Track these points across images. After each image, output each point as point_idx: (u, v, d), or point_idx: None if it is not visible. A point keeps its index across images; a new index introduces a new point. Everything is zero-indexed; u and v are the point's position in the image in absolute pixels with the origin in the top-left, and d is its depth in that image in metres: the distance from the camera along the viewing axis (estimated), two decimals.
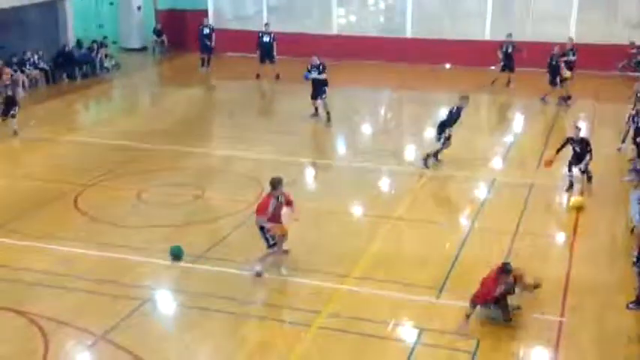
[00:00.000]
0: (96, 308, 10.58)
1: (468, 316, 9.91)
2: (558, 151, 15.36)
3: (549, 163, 15.33)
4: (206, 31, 27.84)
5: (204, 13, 30.25)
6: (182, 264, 11.90)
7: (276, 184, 11.38)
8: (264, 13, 30.22)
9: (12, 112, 19.17)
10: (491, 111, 23.29)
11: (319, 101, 20.68)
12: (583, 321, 10.36)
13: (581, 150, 15.07)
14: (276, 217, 11.43)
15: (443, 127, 16.64)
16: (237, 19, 31.24)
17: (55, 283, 11.28)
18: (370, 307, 10.65)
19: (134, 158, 17.60)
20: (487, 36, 27.79)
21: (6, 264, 11.91)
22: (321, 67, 20.50)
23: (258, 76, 26.51)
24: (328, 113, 20.47)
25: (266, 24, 26.90)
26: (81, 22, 29.97)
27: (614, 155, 17.22)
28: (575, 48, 23.02)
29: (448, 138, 16.57)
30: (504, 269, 9.99)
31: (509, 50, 24.01)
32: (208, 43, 27.71)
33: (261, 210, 11.36)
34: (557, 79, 21.76)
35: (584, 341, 9.91)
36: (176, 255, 12.01)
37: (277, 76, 26.26)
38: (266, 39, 26.19)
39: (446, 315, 10.44)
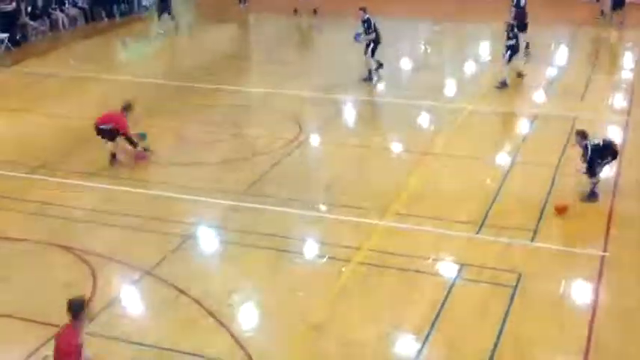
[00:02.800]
0: (141, 244, 10.81)
1: None
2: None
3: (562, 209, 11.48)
4: None
5: None
6: (223, 201, 12.03)
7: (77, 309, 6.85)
8: None
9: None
10: (533, 43, 22.73)
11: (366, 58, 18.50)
12: (626, 255, 10.26)
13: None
14: None
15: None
16: None
17: (100, 220, 11.52)
18: (410, 243, 10.68)
19: (173, 96, 17.68)
20: None
21: (52, 202, 12.17)
22: (366, 24, 18.13)
23: (295, 11, 26.14)
24: (369, 71, 18.40)
25: None
26: None
27: None
28: None
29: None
30: None
31: None
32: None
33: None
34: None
35: (627, 275, 9.83)
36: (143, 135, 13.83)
37: (315, 11, 25.88)
38: None
39: (486, 250, 10.44)
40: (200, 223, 11.47)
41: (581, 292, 9.63)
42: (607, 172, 12.72)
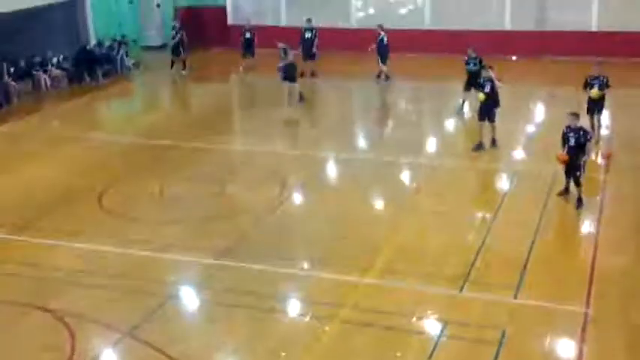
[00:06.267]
0: (122, 305, 10.68)
1: None
2: (564, 144, 13.59)
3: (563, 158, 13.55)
4: (247, 35, 26.46)
5: (223, 10, 30.42)
6: (205, 260, 11.95)
7: None
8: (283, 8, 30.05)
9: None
10: (512, 101, 23.12)
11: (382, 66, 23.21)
12: (609, 312, 10.26)
13: (577, 142, 13.28)
14: None
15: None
16: (257, 15, 30.95)
17: (80, 281, 11.40)
18: (393, 300, 10.63)
19: (157, 155, 17.71)
20: (507, 25, 27.67)
21: (32, 262, 12.05)
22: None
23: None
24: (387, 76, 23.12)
25: (308, 19, 25.14)
26: (101, 20, 30.08)
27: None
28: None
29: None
30: None
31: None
32: (250, 49, 26.53)
33: None
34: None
35: (610, 331, 9.82)
36: None
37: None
38: (308, 35, 24.81)
39: (470, 307, 10.41)
40: (182, 283, 11.38)
41: (565, 349, 9.59)
42: (588, 228, 12.86)
